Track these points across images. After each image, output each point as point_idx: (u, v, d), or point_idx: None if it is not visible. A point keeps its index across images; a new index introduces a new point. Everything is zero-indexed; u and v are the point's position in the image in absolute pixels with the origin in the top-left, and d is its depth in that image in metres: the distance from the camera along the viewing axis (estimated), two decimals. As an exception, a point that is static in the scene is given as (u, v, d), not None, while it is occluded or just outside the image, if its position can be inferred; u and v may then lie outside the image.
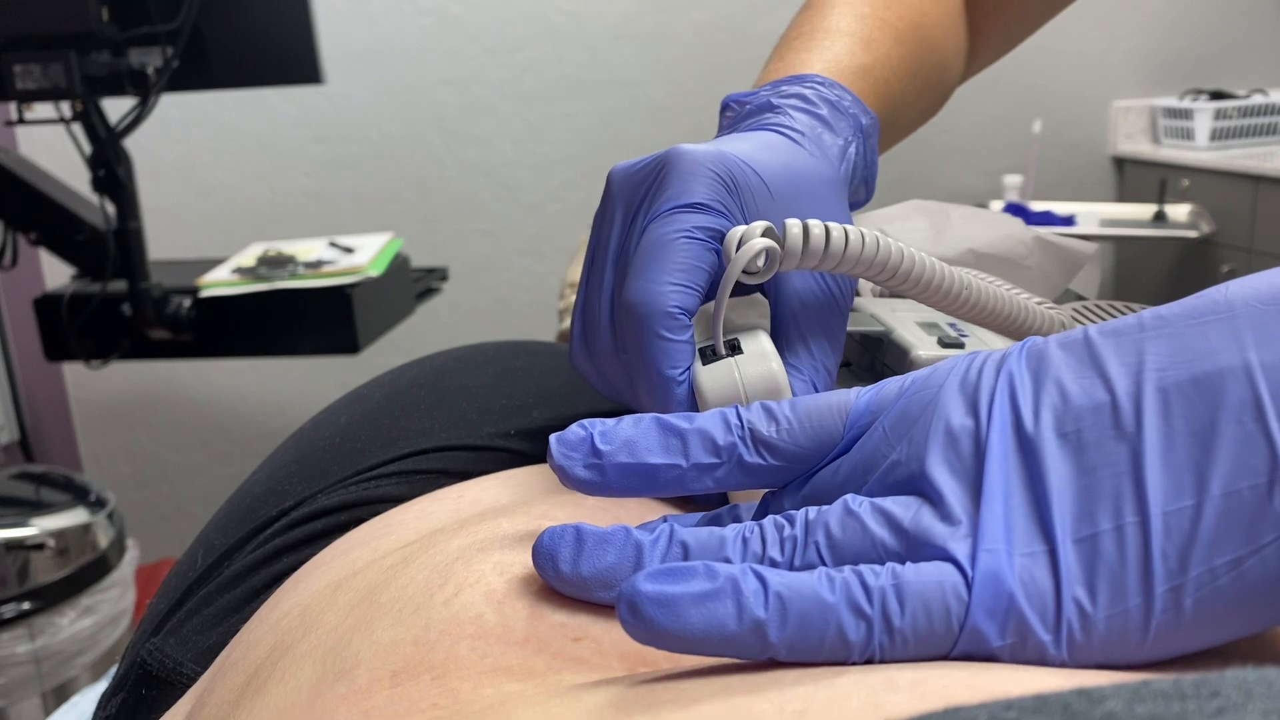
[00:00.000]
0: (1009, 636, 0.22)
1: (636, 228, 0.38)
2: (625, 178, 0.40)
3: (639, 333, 0.36)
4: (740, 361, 0.36)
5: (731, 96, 0.48)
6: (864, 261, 0.36)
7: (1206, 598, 0.21)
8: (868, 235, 0.36)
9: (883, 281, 0.38)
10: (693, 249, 0.36)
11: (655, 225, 0.37)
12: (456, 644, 0.27)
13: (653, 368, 0.36)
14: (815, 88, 0.46)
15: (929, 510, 0.24)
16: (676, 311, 0.36)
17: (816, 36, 0.51)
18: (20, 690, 1.28)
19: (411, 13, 2.08)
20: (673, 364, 0.36)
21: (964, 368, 0.26)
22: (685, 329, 0.36)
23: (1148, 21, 2.31)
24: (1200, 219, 2.10)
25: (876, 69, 0.51)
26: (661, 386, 0.36)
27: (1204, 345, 0.22)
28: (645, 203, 0.38)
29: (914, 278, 0.38)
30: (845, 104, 0.46)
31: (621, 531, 0.27)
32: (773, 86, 0.47)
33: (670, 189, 0.37)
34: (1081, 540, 0.22)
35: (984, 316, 0.41)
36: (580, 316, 0.41)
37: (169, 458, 2.19)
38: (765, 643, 0.22)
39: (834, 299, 0.39)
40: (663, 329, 0.35)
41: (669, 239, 0.36)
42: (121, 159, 1.30)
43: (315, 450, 0.48)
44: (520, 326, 2.18)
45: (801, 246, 0.35)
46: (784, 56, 0.51)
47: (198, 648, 0.40)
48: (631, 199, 0.39)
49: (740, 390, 0.36)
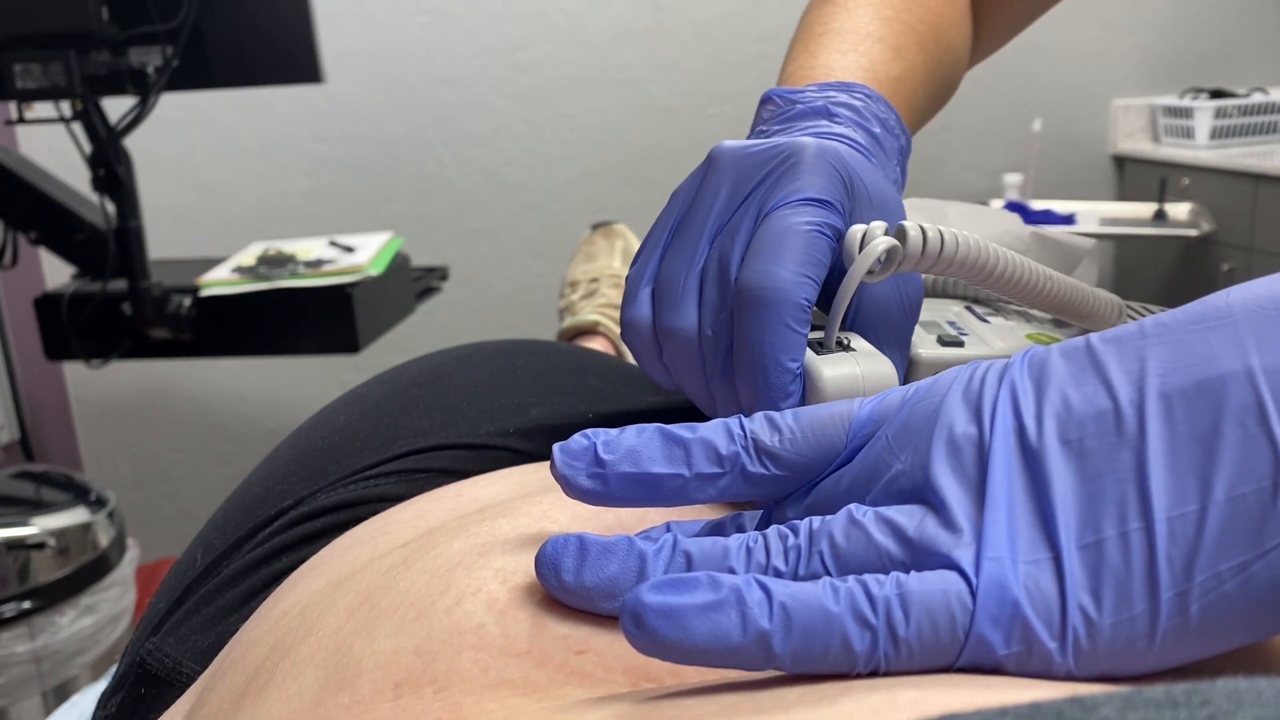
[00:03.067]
0: (1014, 645, 0.22)
1: (749, 210, 0.38)
2: (739, 157, 0.39)
3: (762, 319, 0.35)
4: (858, 357, 0.36)
5: (776, 91, 0.47)
6: (969, 264, 0.37)
7: (1213, 603, 0.21)
8: (974, 239, 0.37)
9: (978, 281, 0.38)
10: (819, 243, 0.36)
11: (784, 213, 0.37)
12: (459, 655, 0.26)
13: (772, 357, 0.35)
14: (864, 100, 0.46)
15: (933, 519, 0.24)
16: (805, 304, 0.35)
17: (848, 38, 0.51)
18: (20, 689, 1.28)
19: (411, 12, 2.08)
20: (792, 356, 0.35)
21: (967, 377, 0.26)
22: (807, 323, 0.36)
23: (1148, 20, 2.31)
24: (1200, 218, 2.10)
25: (907, 80, 0.51)
26: (777, 377, 0.35)
27: (1206, 350, 0.22)
28: (764, 188, 0.38)
29: (1008, 277, 0.38)
30: (892, 124, 0.47)
31: (625, 541, 0.26)
32: (820, 89, 0.47)
33: (798, 180, 0.37)
34: (1086, 547, 0.22)
35: (1060, 306, 0.42)
36: (649, 288, 0.40)
37: (169, 457, 2.19)
38: (770, 654, 0.22)
39: (906, 312, 0.39)
40: (790, 319, 0.35)
41: (800, 229, 0.36)
42: (121, 158, 1.30)
43: (314, 449, 0.48)
44: (520, 325, 2.18)
45: (921, 248, 0.36)
46: (815, 53, 0.50)
47: (197, 647, 0.40)
48: (744, 180, 0.39)
49: (861, 385, 0.35)
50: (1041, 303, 0.41)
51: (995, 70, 2.23)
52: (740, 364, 0.36)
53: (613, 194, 2.19)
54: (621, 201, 2.17)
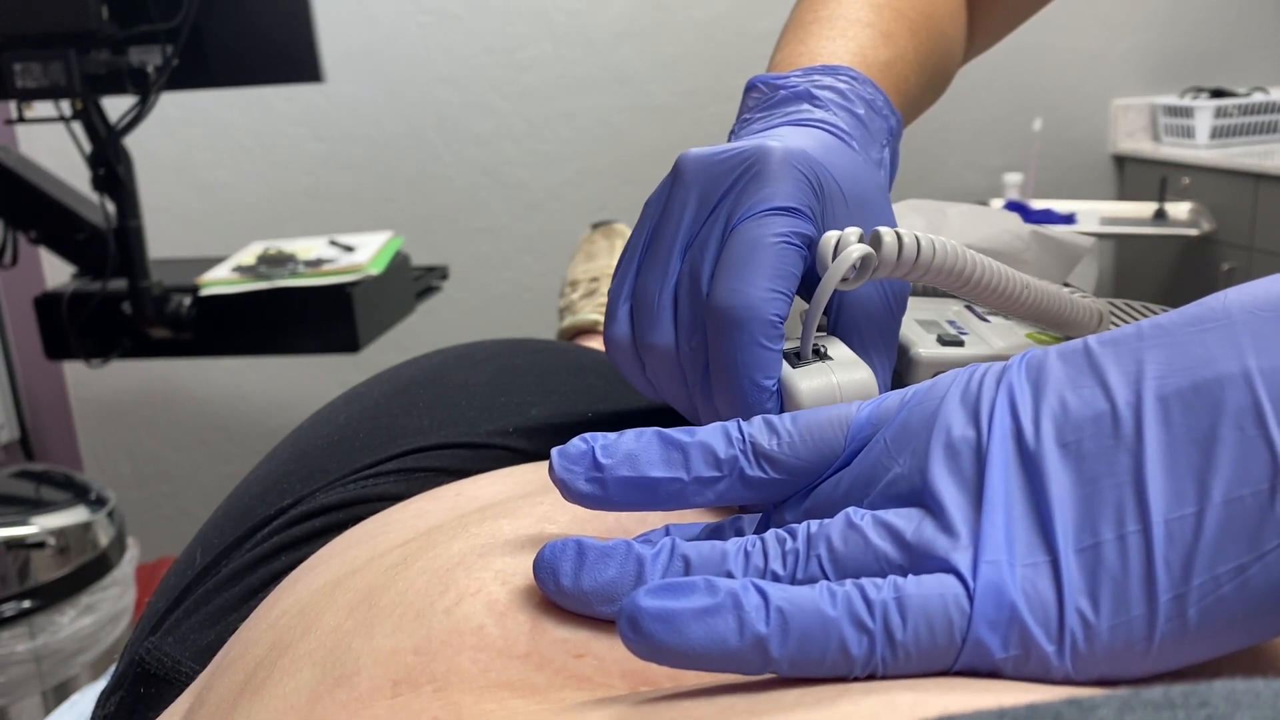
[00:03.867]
0: (1012, 648, 0.22)
1: (717, 222, 0.37)
2: (703, 166, 0.39)
3: (734, 339, 0.35)
4: (834, 367, 0.36)
5: (760, 78, 0.47)
6: (945, 270, 0.36)
7: (1210, 606, 0.21)
8: (950, 245, 0.36)
9: (955, 288, 0.38)
10: (788, 255, 0.36)
11: (750, 226, 0.36)
12: (458, 655, 0.27)
13: (746, 376, 0.35)
14: (850, 82, 0.46)
15: (931, 522, 0.23)
16: (776, 320, 0.35)
17: (837, 24, 0.50)
18: (20, 688, 1.28)
19: (411, 11, 2.08)
20: (767, 374, 0.35)
21: (965, 379, 0.26)
22: (780, 338, 0.35)
23: (1148, 19, 2.31)
24: (1201, 217, 2.10)
25: (897, 65, 0.50)
26: (753, 395, 0.35)
27: (1203, 353, 0.22)
28: (731, 198, 0.37)
29: (985, 284, 0.38)
30: (879, 104, 0.46)
31: (623, 545, 0.26)
32: (805, 74, 0.46)
33: (764, 189, 0.37)
34: (1084, 550, 0.22)
35: (1037, 314, 0.41)
36: (628, 304, 0.39)
37: (169, 456, 2.19)
38: (766, 658, 0.22)
39: (891, 309, 0.39)
40: (762, 337, 0.35)
41: (766, 242, 0.36)
42: (121, 157, 1.30)
43: (314, 448, 0.48)
44: (520, 325, 2.18)
45: (896, 255, 0.35)
46: (804, 40, 0.50)
47: (196, 646, 0.40)
48: (710, 190, 0.38)
49: (838, 395, 0.35)
50: (1019, 311, 0.41)
51: (995, 69, 2.23)
52: (717, 382, 0.36)
53: (613, 193, 2.19)
54: (621, 201, 2.17)
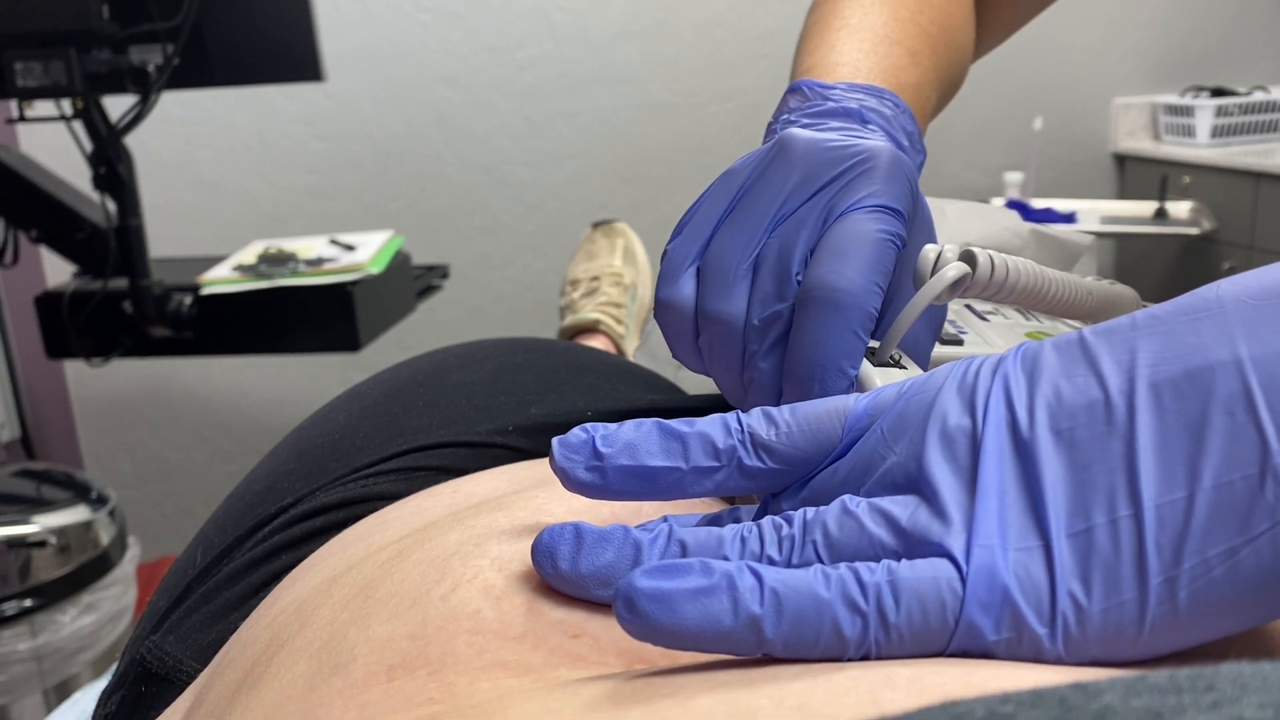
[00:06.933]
0: (1004, 631, 0.22)
1: (818, 205, 0.37)
2: (814, 149, 0.38)
3: (829, 322, 0.34)
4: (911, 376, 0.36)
5: (806, 82, 0.47)
6: (1026, 291, 0.36)
7: (1201, 589, 0.21)
8: (1030, 267, 0.36)
9: (1029, 305, 0.38)
10: (891, 253, 0.36)
11: (859, 217, 0.36)
12: (454, 639, 0.27)
13: (833, 360, 0.35)
14: (894, 109, 0.46)
15: (925, 509, 0.24)
16: (872, 312, 0.35)
17: (866, 38, 0.50)
18: (22, 687, 1.28)
19: (412, 10, 2.08)
20: (852, 363, 0.35)
21: (961, 370, 0.26)
22: (871, 331, 0.35)
23: (1149, 18, 2.31)
24: (1201, 216, 2.10)
25: (923, 88, 0.50)
26: (834, 379, 0.35)
27: (1195, 341, 0.22)
28: (836, 186, 0.37)
29: (1056, 298, 0.38)
30: (915, 138, 0.46)
31: (620, 530, 0.27)
32: (850, 89, 0.46)
33: (874, 185, 0.36)
34: (1076, 534, 0.22)
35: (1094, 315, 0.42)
36: (694, 268, 0.38)
37: (170, 455, 2.19)
38: (761, 638, 0.22)
39: (933, 328, 0.39)
40: (858, 326, 0.35)
41: (874, 236, 0.35)
42: (122, 156, 1.30)
43: (314, 447, 0.49)
44: (520, 324, 2.18)
45: (989, 275, 0.35)
46: (835, 47, 0.50)
47: (197, 645, 0.40)
48: (816, 173, 0.37)
49: None
50: (1080, 315, 0.41)
51: (996, 68, 2.23)
52: (795, 362, 0.35)
53: (613, 192, 2.19)
54: (622, 200, 2.17)
